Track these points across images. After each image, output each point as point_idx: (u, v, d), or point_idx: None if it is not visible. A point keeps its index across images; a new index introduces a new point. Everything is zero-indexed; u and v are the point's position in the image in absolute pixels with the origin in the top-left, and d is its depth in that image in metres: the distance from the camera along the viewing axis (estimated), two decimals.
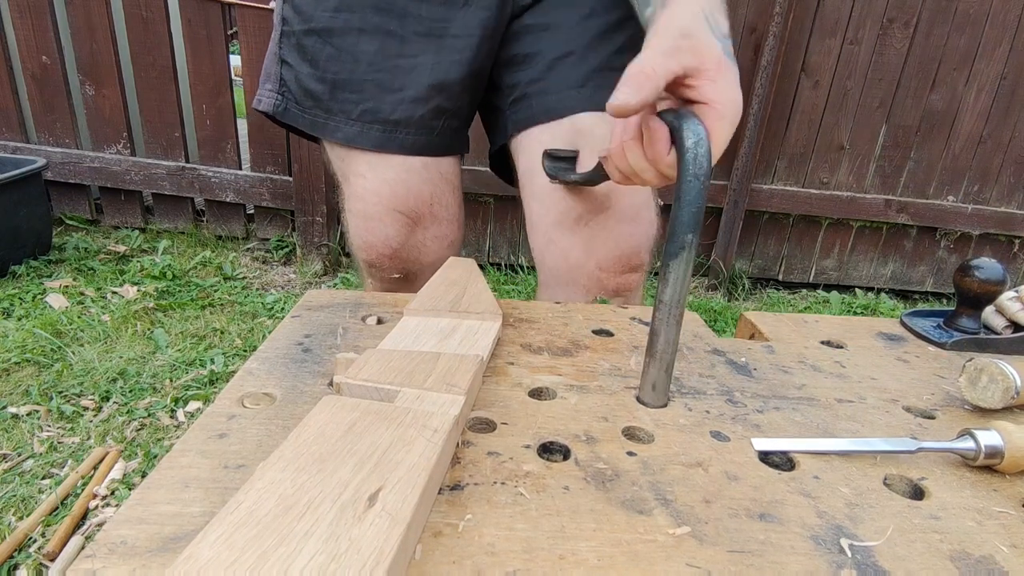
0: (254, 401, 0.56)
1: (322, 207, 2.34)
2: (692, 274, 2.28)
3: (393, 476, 0.41)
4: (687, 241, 0.54)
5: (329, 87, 0.81)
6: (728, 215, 2.45)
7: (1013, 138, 2.43)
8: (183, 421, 1.45)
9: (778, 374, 0.69)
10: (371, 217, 0.84)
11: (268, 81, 0.88)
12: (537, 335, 0.74)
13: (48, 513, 1.14)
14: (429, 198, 0.85)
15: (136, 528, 0.40)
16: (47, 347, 1.66)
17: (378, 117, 0.81)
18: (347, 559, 0.34)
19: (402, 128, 0.81)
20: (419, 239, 0.86)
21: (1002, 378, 0.61)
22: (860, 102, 2.37)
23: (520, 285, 2.43)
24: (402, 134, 0.82)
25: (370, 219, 0.84)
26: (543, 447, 0.53)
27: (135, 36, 2.29)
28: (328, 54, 0.80)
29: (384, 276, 0.88)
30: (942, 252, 2.61)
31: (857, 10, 2.25)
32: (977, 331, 0.87)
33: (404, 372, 0.55)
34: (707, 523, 0.45)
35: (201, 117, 2.39)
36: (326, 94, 0.82)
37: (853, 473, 0.52)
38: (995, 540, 0.46)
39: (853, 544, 0.44)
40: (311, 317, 0.73)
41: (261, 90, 0.90)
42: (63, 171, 2.43)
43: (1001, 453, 0.52)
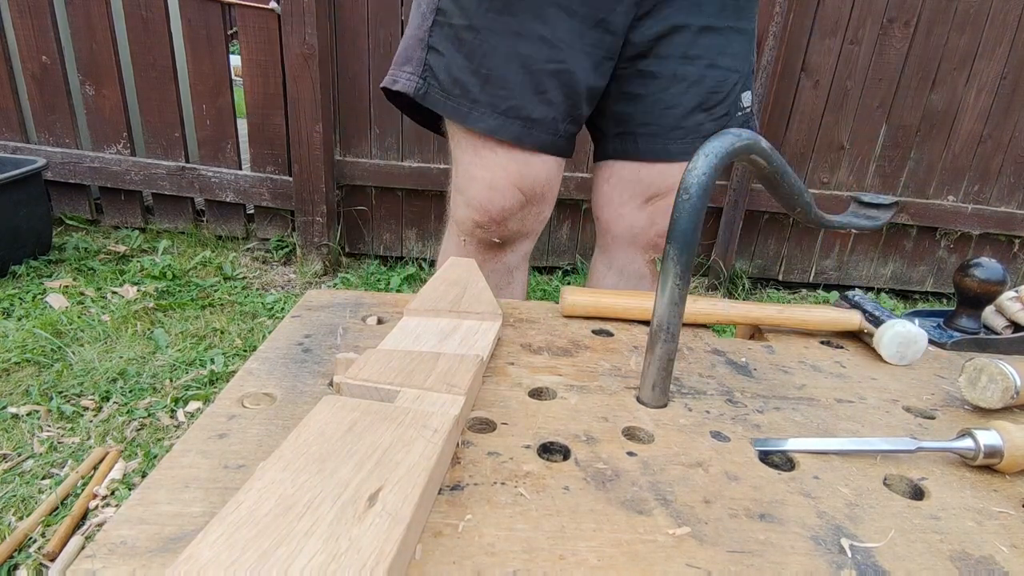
0: (254, 401, 0.56)
1: (322, 207, 2.34)
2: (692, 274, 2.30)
3: (393, 476, 0.41)
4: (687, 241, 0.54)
5: (481, 80, 0.90)
6: (728, 215, 2.45)
7: (1013, 138, 2.43)
8: (183, 421, 1.45)
9: (778, 374, 0.69)
10: (496, 188, 0.96)
11: (408, 64, 0.95)
12: (537, 335, 0.74)
13: (48, 513, 1.14)
14: (544, 182, 0.98)
15: (136, 528, 0.40)
16: (47, 347, 1.66)
17: (521, 114, 0.91)
18: (347, 559, 0.34)
19: (538, 126, 0.93)
20: (525, 213, 0.99)
21: (1001, 378, 0.61)
22: (860, 102, 2.37)
23: None
24: (537, 131, 0.93)
25: (495, 189, 0.96)
26: (543, 447, 0.53)
27: (135, 36, 2.29)
28: (485, 50, 0.88)
29: (487, 238, 1.01)
30: (942, 252, 2.61)
31: (857, 10, 2.25)
32: (977, 331, 0.87)
33: (404, 372, 0.55)
34: (707, 523, 0.45)
35: (201, 117, 2.39)
36: (476, 86, 0.90)
37: (853, 473, 0.52)
38: (995, 540, 0.46)
39: (853, 544, 0.44)
40: (311, 317, 0.73)
41: (396, 71, 0.97)
42: (63, 171, 2.43)
43: (1000, 453, 0.52)
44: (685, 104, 0.95)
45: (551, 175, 0.99)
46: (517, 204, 0.97)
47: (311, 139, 2.25)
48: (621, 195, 1.04)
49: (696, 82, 0.94)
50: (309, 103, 2.20)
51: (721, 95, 0.96)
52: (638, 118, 0.98)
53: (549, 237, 2.56)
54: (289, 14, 2.10)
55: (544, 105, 0.91)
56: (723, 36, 0.93)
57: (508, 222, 0.99)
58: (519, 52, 0.88)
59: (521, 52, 0.88)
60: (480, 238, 1.01)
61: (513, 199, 0.97)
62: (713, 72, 0.94)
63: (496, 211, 0.97)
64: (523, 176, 0.95)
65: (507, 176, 0.95)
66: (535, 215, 1.01)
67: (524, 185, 0.96)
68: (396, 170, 2.39)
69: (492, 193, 0.96)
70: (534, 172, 0.96)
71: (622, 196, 1.04)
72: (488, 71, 0.89)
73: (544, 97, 0.91)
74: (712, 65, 0.94)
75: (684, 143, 0.97)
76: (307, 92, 2.18)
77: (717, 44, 0.93)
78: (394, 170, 2.39)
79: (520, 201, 0.97)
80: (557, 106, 0.92)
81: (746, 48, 0.98)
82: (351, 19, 2.23)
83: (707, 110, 0.96)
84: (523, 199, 0.97)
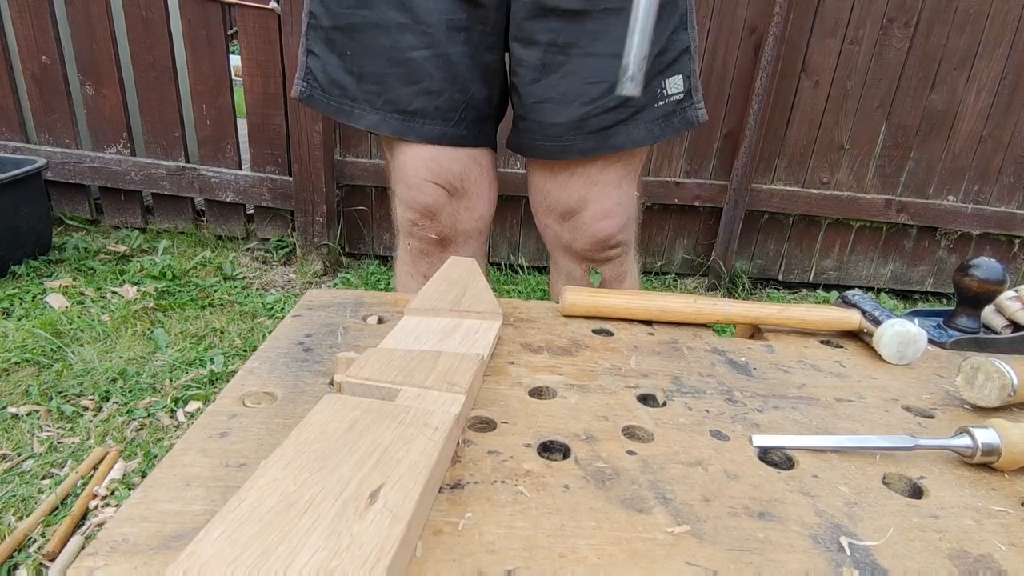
0: (255, 400, 0.56)
1: (322, 207, 2.34)
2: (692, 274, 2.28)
3: (394, 474, 0.41)
4: None
5: (356, 79, 0.88)
6: (728, 215, 2.45)
7: (1013, 138, 2.43)
8: (183, 421, 1.45)
9: (778, 373, 0.69)
10: (412, 186, 0.94)
11: (299, 70, 0.96)
12: (537, 334, 0.74)
13: (48, 513, 1.14)
14: (460, 174, 0.94)
15: (138, 526, 0.41)
16: (47, 347, 1.66)
17: (397, 107, 0.88)
18: (348, 556, 0.34)
19: (419, 118, 0.88)
20: (454, 208, 0.96)
21: (998, 376, 0.61)
22: (860, 102, 2.37)
23: (520, 285, 2.43)
24: (419, 123, 0.89)
25: (411, 187, 0.94)
26: (543, 446, 0.53)
27: (135, 36, 2.29)
28: (353, 48, 0.86)
29: (424, 236, 0.98)
30: (942, 252, 2.61)
31: (857, 10, 2.25)
32: (977, 331, 0.87)
33: (405, 371, 0.55)
34: (706, 521, 0.45)
35: (201, 117, 2.39)
36: (353, 85, 0.89)
37: (852, 472, 0.52)
38: (994, 539, 0.46)
39: (852, 543, 0.44)
40: (312, 317, 0.73)
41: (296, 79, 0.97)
42: (63, 171, 2.43)
43: (998, 451, 0.52)
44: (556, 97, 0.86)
45: (466, 168, 0.94)
46: (440, 198, 0.94)
47: (311, 139, 2.25)
48: (542, 209, 1.01)
49: (567, 74, 0.85)
50: None
51: (604, 85, 0.85)
52: (516, 110, 0.93)
53: None
54: (289, 14, 2.10)
55: (424, 95, 0.87)
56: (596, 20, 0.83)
57: (439, 216, 0.96)
58: (382, 44, 0.85)
59: (384, 44, 0.85)
60: (420, 237, 0.99)
61: (432, 194, 0.94)
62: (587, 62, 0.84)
63: (421, 206, 0.95)
64: (430, 170, 0.92)
65: (417, 173, 0.93)
66: (467, 210, 0.97)
67: (438, 178, 0.93)
68: None
69: (411, 191, 0.94)
70: (444, 165, 0.92)
71: (543, 210, 1.02)
72: (360, 68, 0.87)
73: (422, 87, 0.86)
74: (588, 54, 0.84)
75: (561, 142, 0.89)
76: None
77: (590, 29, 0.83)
78: None
79: (442, 194, 0.94)
80: (438, 94, 0.87)
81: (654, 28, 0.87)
82: None
83: (587, 103, 0.86)
84: (443, 192, 0.94)
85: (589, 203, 0.94)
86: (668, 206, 2.50)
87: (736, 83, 2.34)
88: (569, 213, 0.97)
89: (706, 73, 2.33)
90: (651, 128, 0.89)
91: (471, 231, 0.99)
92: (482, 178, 0.97)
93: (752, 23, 2.27)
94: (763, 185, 2.47)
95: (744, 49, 2.29)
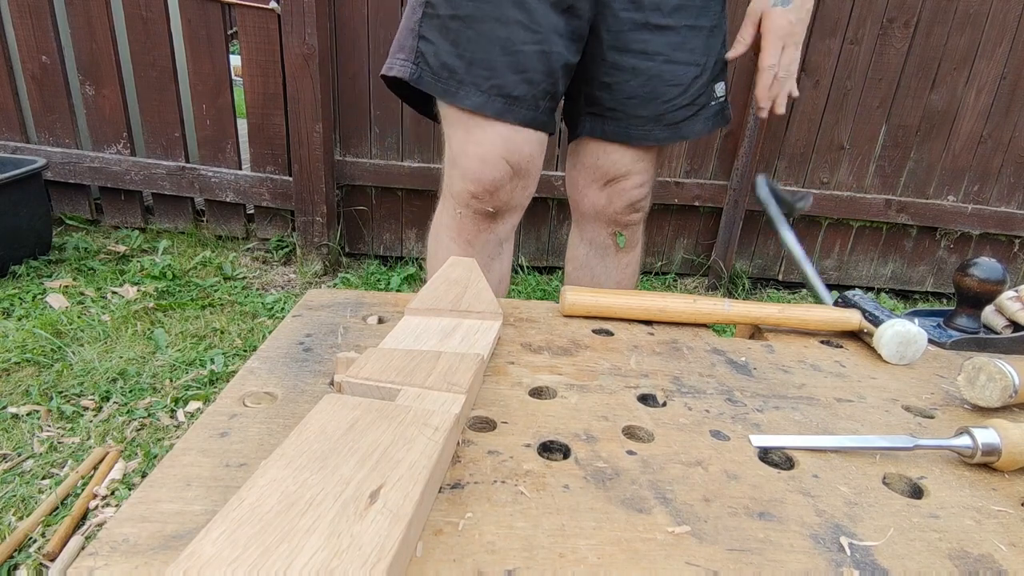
0: (255, 400, 0.56)
1: (322, 207, 2.34)
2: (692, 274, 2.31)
3: (394, 474, 0.41)
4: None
5: (466, 63, 1.01)
6: (728, 215, 2.45)
7: (1013, 138, 2.43)
8: (183, 421, 1.45)
9: (778, 373, 0.69)
10: (486, 161, 1.06)
11: (402, 52, 1.06)
12: (537, 335, 0.74)
13: (48, 513, 1.14)
14: (528, 156, 1.08)
15: (138, 526, 0.41)
16: (47, 347, 1.66)
17: (503, 92, 1.02)
18: (349, 556, 0.34)
19: (518, 102, 1.03)
20: (514, 185, 1.10)
21: (1000, 377, 0.61)
22: (860, 102, 2.37)
23: (520, 285, 2.43)
24: (518, 107, 1.03)
25: (485, 162, 1.06)
26: (543, 446, 0.53)
27: (135, 36, 2.29)
28: (468, 36, 0.99)
29: (482, 209, 1.11)
30: (942, 252, 2.61)
31: (857, 10, 2.25)
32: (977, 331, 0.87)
33: (405, 371, 0.55)
34: (706, 521, 0.45)
35: (201, 117, 2.39)
36: (462, 68, 1.01)
37: (852, 472, 0.52)
38: (994, 539, 0.46)
39: (852, 543, 0.44)
40: (312, 316, 0.73)
41: (392, 60, 1.08)
42: (63, 171, 2.43)
43: (998, 451, 0.52)
44: (643, 95, 1.07)
45: (534, 150, 1.08)
46: (506, 176, 1.07)
47: (311, 139, 2.25)
48: (585, 179, 1.19)
49: (654, 76, 1.06)
50: (309, 103, 2.20)
51: (680, 88, 1.07)
52: (606, 103, 1.10)
53: (549, 237, 2.56)
54: (289, 14, 2.10)
55: (525, 84, 1.01)
56: (679, 34, 1.04)
57: (499, 192, 1.09)
58: (499, 36, 0.98)
59: (501, 36, 0.98)
60: (476, 209, 1.11)
61: (502, 171, 1.06)
62: (670, 67, 1.05)
63: (488, 182, 1.07)
64: (509, 150, 1.05)
65: (495, 149, 1.05)
66: (522, 188, 1.12)
67: (511, 158, 1.06)
68: (396, 170, 2.39)
69: (483, 165, 1.06)
70: (519, 146, 1.06)
71: (585, 180, 1.20)
72: (472, 55, 1.00)
73: (525, 76, 1.01)
74: (669, 60, 1.05)
75: (643, 130, 1.10)
76: (307, 92, 2.19)
77: (673, 41, 1.04)
78: (394, 170, 2.39)
79: (508, 173, 1.07)
80: (536, 84, 1.02)
81: (707, 44, 1.07)
82: (351, 19, 2.23)
83: (667, 101, 1.08)
84: (510, 171, 1.07)
85: (632, 175, 1.16)
86: (668, 206, 2.50)
87: (736, 83, 2.34)
88: (613, 180, 1.17)
89: None
90: (707, 122, 1.12)
91: (519, 207, 1.15)
92: (540, 159, 1.13)
93: None
94: None
95: None
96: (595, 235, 1.25)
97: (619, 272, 1.28)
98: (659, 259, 2.62)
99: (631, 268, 1.29)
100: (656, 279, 2.60)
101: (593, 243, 1.26)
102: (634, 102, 1.08)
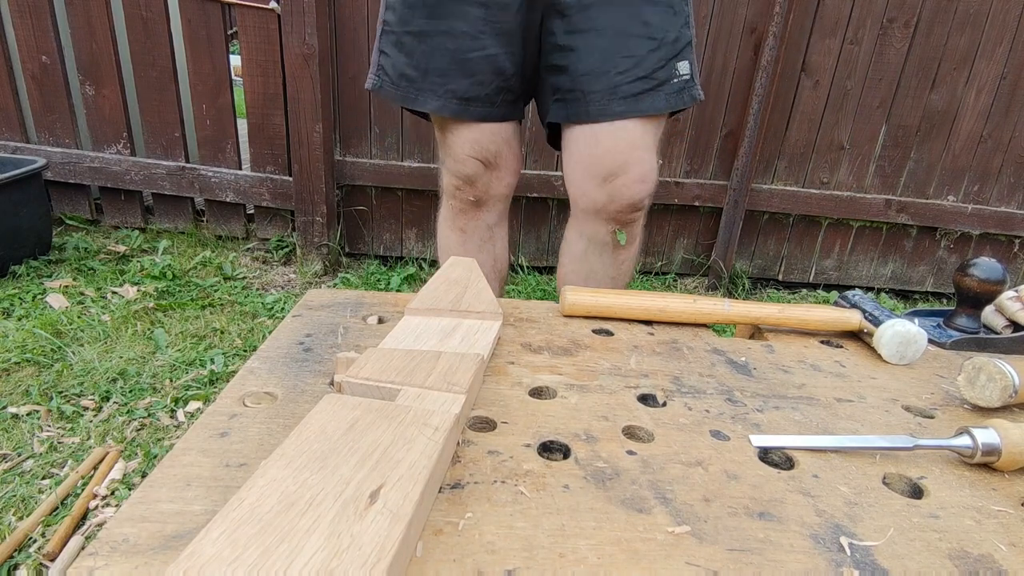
0: (255, 400, 0.56)
1: (322, 207, 2.34)
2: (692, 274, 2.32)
3: (394, 474, 0.41)
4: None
5: (422, 72, 1.12)
6: (728, 215, 2.45)
7: (1013, 138, 2.43)
8: (183, 421, 1.45)
9: (778, 373, 0.69)
10: (459, 160, 1.20)
11: (371, 67, 1.20)
12: (537, 335, 0.74)
13: (48, 513, 1.14)
14: (495, 152, 1.20)
15: (138, 526, 0.41)
16: (47, 347, 1.66)
17: (457, 95, 1.12)
18: (349, 556, 0.34)
19: (474, 102, 1.14)
20: (489, 177, 1.23)
21: (1000, 377, 0.61)
22: (860, 102, 2.37)
23: (520, 285, 2.43)
24: (473, 106, 1.14)
25: (458, 160, 1.20)
26: (543, 446, 0.53)
27: (135, 36, 2.29)
28: (422, 50, 1.11)
29: (465, 198, 1.26)
30: (942, 252, 2.61)
31: (857, 10, 2.25)
32: (977, 331, 0.87)
33: (405, 371, 0.55)
34: (706, 521, 0.45)
35: (201, 117, 2.39)
36: (419, 77, 1.13)
37: (852, 472, 0.52)
38: (994, 539, 0.46)
39: (852, 543, 0.44)
40: (312, 316, 0.73)
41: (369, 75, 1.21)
42: (63, 171, 2.43)
43: (998, 451, 0.52)
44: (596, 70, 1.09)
45: (500, 145, 1.20)
46: (479, 170, 1.21)
47: (311, 139, 2.25)
48: (584, 175, 1.19)
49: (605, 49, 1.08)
50: (309, 103, 2.20)
51: (633, 59, 1.08)
52: (566, 86, 1.13)
53: (549, 237, 2.56)
54: (289, 14, 2.10)
55: (477, 86, 1.12)
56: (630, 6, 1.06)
57: (477, 183, 1.23)
58: (449, 48, 1.09)
59: (451, 48, 1.09)
60: (461, 199, 1.26)
61: (473, 166, 1.20)
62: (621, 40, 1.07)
63: (464, 176, 1.22)
64: (476, 149, 1.18)
65: (465, 148, 1.18)
66: (497, 179, 1.24)
67: (480, 155, 1.19)
68: (396, 170, 2.39)
69: (458, 163, 1.20)
70: (484, 144, 1.18)
71: (584, 176, 1.19)
72: (427, 65, 1.11)
73: (475, 80, 1.11)
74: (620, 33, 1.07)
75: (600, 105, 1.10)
76: (307, 92, 2.19)
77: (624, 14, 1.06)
78: (394, 170, 2.39)
79: (480, 168, 1.20)
80: (487, 84, 1.12)
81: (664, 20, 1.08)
82: (351, 19, 2.23)
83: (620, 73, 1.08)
84: (482, 166, 1.20)
85: (630, 167, 1.13)
86: (668, 206, 2.50)
87: (736, 83, 2.34)
88: (611, 175, 1.14)
89: (706, 73, 2.33)
90: (669, 99, 1.12)
91: (500, 195, 1.27)
92: (510, 154, 1.23)
93: (752, 23, 2.27)
94: (763, 185, 2.47)
95: (744, 49, 2.29)
96: (595, 232, 1.23)
97: (616, 268, 1.27)
98: (659, 259, 2.62)
99: (627, 264, 1.29)
100: (656, 279, 2.60)
101: (592, 240, 1.24)
102: (588, 78, 1.09)
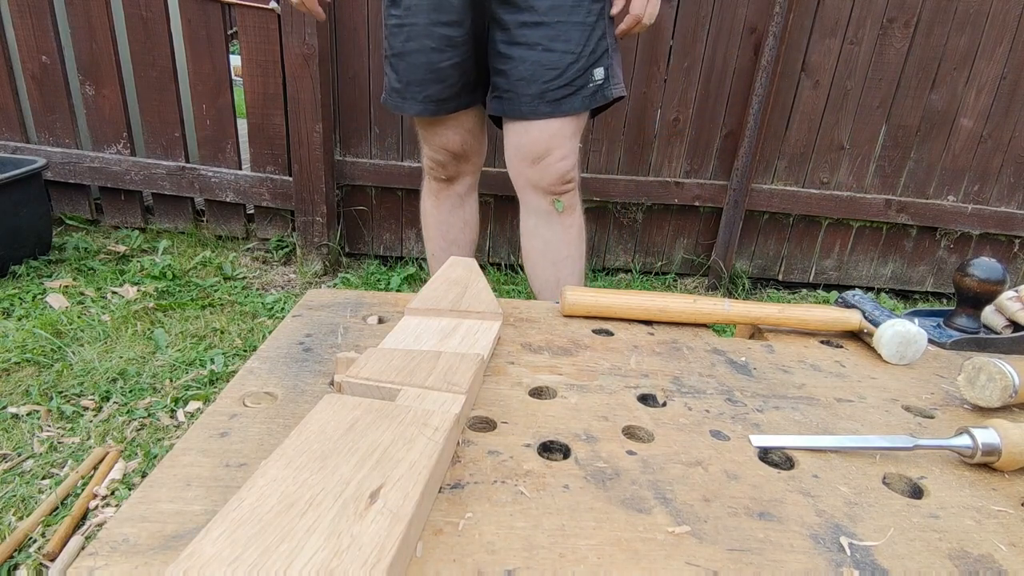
0: (255, 400, 0.56)
1: (322, 207, 2.34)
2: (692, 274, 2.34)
3: (394, 474, 0.41)
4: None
5: (405, 84, 1.43)
6: (728, 215, 2.45)
7: (1013, 138, 2.43)
8: (183, 421, 1.45)
9: (778, 373, 0.69)
10: (434, 150, 1.55)
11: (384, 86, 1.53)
12: (537, 335, 0.74)
13: (48, 513, 1.14)
14: (460, 145, 1.53)
15: (138, 526, 0.41)
16: (47, 347, 1.66)
17: (432, 99, 1.42)
18: (349, 556, 0.34)
19: (446, 102, 1.44)
20: (456, 164, 1.58)
21: (1000, 377, 0.61)
22: (860, 102, 2.37)
23: (520, 285, 2.43)
24: (445, 104, 1.44)
25: (434, 151, 1.55)
26: (543, 446, 0.53)
27: (135, 36, 2.29)
28: (403, 67, 1.41)
29: (439, 176, 1.61)
30: (942, 252, 2.61)
31: (857, 10, 2.25)
32: (977, 331, 0.87)
33: (405, 371, 0.55)
34: (707, 521, 0.45)
35: (201, 117, 2.39)
36: (404, 89, 1.44)
37: (852, 472, 0.52)
38: (994, 539, 0.46)
39: (852, 543, 0.44)
40: (312, 317, 0.73)
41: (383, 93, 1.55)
42: (63, 171, 2.43)
43: (998, 451, 0.52)
44: (528, 77, 1.34)
45: (464, 138, 1.52)
46: (448, 158, 1.55)
47: (311, 139, 2.25)
48: (519, 159, 1.46)
49: (535, 62, 1.33)
50: (309, 103, 2.20)
51: (556, 71, 1.33)
52: (503, 87, 1.39)
53: None
54: (289, 14, 2.10)
55: (447, 88, 1.41)
56: (553, 28, 1.30)
57: (448, 167, 1.57)
58: (423, 63, 1.38)
59: (423, 62, 1.38)
60: (435, 176, 1.62)
61: (445, 156, 1.55)
62: (548, 55, 1.32)
63: (437, 163, 1.57)
64: (444, 144, 1.52)
65: (436, 141, 1.52)
66: (465, 163, 1.58)
67: (449, 147, 1.53)
68: (396, 170, 2.39)
69: (434, 155, 1.56)
70: (450, 139, 1.51)
71: (519, 159, 1.46)
72: (409, 78, 1.41)
73: (445, 84, 1.41)
74: (547, 49, 1.31)
75: (531, 106, 1.36)
76: (307, 92, 2.19)
77: (549, 34, 1.30)
78: (394, 170, 2.39)
79: (450, 155, 1.54)
80: (454, 85, 1.41)
81: (582, 36, 1.31)
82: (351, 19, 2.23)
83: (547, 82, 1.34)
84: (451, 155, 1.54)
85: (553, 150, 1.40)
86: (668, 206, 2.50)
87: (736, 83, 2.34)
88: (538, 158, 1.41)
89: (706, 73, 2.33)
90: (584, 100, 1.37)
91: (468, 173, 1.62)
92: (475, 143, 1.57)
93: (752, 23, 2.27)
94: (763, 185, 2.47)
95: (744, 49, 2.29)
96: (537, 204, 1.49)
97: (565, 232, 1.50)
98: (659, 259, 2.62)
99: (575, 228, 1.51)
100: (656, 279, 2.60)
101: (537, 211, 1.50)
102: (522, 83, 1.34)
